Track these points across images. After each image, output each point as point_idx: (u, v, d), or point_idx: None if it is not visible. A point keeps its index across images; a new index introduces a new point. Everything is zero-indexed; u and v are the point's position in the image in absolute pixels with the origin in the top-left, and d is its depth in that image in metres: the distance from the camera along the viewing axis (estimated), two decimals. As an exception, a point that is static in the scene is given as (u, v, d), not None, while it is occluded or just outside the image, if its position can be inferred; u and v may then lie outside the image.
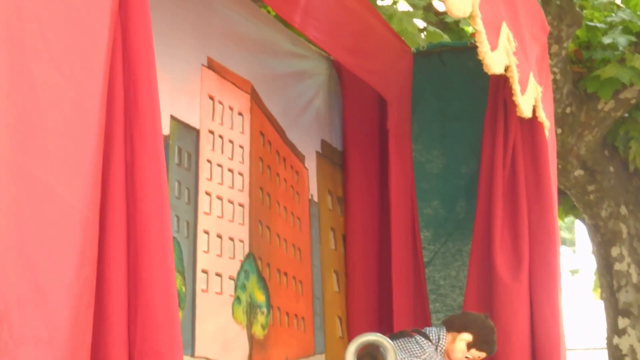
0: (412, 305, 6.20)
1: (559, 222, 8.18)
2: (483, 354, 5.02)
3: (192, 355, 4.89)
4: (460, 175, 6.63)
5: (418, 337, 4.95)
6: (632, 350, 9.01)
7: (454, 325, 5.05)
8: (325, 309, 6.31)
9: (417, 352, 4.86)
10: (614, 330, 9.08)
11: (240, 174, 5.52)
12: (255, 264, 5.55)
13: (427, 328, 5.10)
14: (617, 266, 9.38)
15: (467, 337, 5.00)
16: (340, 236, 6.56)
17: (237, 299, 5.37)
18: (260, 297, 5.60)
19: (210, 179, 5.23)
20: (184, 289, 4.95)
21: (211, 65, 5.26)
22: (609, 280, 9.45)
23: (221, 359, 5.13)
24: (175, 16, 4.89)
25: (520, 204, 5.89)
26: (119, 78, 2.34)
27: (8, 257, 2.00)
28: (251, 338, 5.43)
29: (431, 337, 4.97)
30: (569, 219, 13.29)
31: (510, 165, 5.98)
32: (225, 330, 5.22)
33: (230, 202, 5.39)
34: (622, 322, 9.06)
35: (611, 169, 9.46)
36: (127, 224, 2.34)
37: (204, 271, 5.11)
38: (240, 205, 5.48)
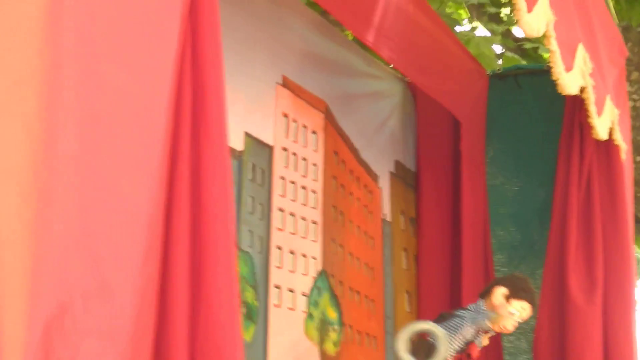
0: (484, 327, 6.16)
1: (636, 251, 8.03)
2: (525, 303, 4.76)
3: (264, 369, 4.94)
4: (535, 199, 6.59)
5: (457, 311, 4.81)
6: None
7: (486, 291, 4.88)
8: (397, 329, 6.32)
9: (458, 323, 4.72)
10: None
11: (314, 191, 5.57)
12: (327, 282, 5.59)
13: (467, 306, 4.93)
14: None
15: (502, 290, 4.80)
16: (412, 257, 6.57)
17: (310, 316, 5.41)
18: (333, 315, 5.63)
19: (284, 195, 5.29)
20: (256, 303, 5.00)
21: (286, 84, 5.33)
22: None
23: (292, 374, 5.18)
24: (251, 36, 4.97)
25: (595, 226, 5.85)
26: (188, 81, 2.40)
27: (74, 251, 2.07)
28: (323, 354, 5.46)
29: (469, 308, 4.83)
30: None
31: (585, 187, 5.94)
32: (297, 346, 5.26)
33: (304, 219, 5.44)
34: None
35: (690, 197, 9.32)
36: (191, 224, 2.39)
37: (277, 286, 5.16)
38: (314, 222, 5.53)
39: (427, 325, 1.22)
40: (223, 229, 2.42)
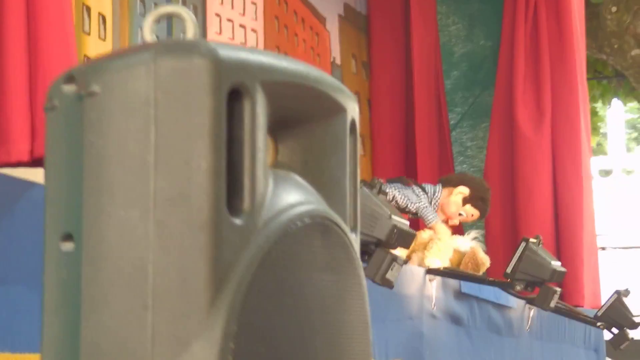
0: (437, 167, 6.13)
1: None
2: (476, 212, 4.89)
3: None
4: (487, 37, 6.49)
5: (415, 187, 4.86)
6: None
7: (450, 181, 4.96)
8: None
9: (413, 199, 4.77)
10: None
11: (254, 30, 5.49)
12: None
13: (424, 184, 4.98)
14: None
15: (464, 190, 4.88)
16: (365, 101, 6.50)
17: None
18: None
19: (220, 33, 5.21)
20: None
21: None
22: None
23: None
24: None
25: (543, 57, 5.78)
26: None
27: None
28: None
29: (427, 190, 4.87)
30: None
31: (532, 18, 5.85)
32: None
33: (243, 58, 5.36)
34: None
35: (669, 45, 9.18)
36: None
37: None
38: (254, 62, 5.45)
39: (174, 8, 1.17)
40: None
